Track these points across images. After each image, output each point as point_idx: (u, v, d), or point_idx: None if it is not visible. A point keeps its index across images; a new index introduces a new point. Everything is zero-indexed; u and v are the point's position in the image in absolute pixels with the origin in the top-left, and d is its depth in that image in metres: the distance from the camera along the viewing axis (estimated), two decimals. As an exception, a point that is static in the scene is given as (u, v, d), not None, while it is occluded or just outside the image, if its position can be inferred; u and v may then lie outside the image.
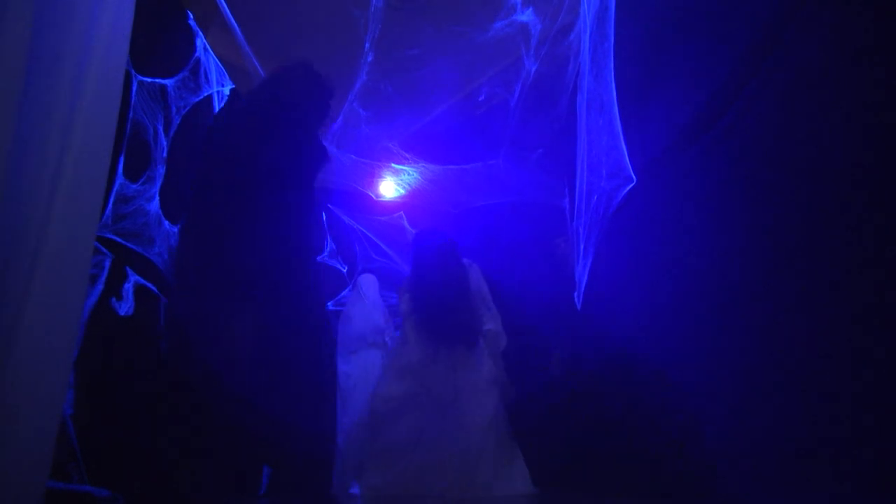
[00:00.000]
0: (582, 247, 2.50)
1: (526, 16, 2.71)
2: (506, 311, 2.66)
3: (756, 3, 1.79)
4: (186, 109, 2.24)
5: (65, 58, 1.39)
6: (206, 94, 2.38)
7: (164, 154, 2.07)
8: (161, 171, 2.04)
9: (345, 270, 3.81)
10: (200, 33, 2.36)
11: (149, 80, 2.01)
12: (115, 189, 1.81)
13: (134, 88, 1.93)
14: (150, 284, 1.92)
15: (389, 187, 3.89)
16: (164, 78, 2.11)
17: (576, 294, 2.52)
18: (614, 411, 2.21)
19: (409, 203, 3.90)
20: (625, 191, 2.25)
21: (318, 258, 3.49)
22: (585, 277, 2.48)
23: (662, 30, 2.15)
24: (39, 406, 1.33)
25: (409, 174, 3.63)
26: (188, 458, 1.88)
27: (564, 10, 2.63)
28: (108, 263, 1.73)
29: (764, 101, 1.72)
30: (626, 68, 2.24)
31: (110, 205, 1.80)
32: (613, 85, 2.27)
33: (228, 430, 1.98)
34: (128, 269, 1.83)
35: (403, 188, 3.84)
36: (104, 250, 1.73)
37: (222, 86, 2.53)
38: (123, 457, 1.72)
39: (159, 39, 2.09)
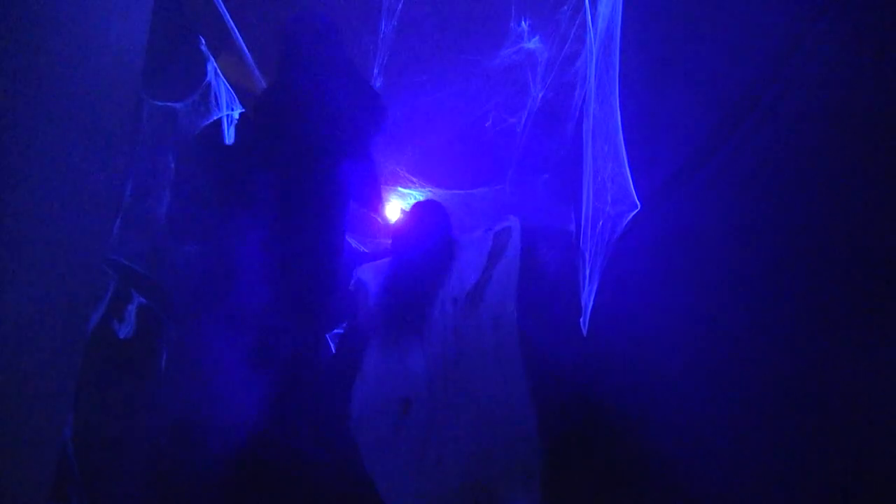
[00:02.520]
0: (588, 272, 2.50)
1: (533, 44, 2.74)
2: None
3: (762, 30, 1.80)
4: (196, 133, 2.27)
5: (78, 81, 1.42)
6: (215, 118, 2.41)
7: (172, 177, 2.09)
8: (168, 193, 2.07)
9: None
10: (212, 58, 2.40)
11: (160, 103, 2.04)
12: (122, 211, 1.83)
13: (145, 112, 1.96)
14: (154, 306, 1.93)
15: (396, 211, 3.91)
16: (174, 102, 2.14)
17: (582, 320, 2.52)
18: (621, 437, 2.19)
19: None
20: (629, 216, 2.25)
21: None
22: (591, 302, 2.47)
23: (667, 58, 2.17)
24: (41, 427, 1.33)
25: (415, 198, 3.65)
26: (187, 482, 1.87)
27: (571, 39, 2.66)
28: (112, 285, 1.74)
29: (770, 129, 1.72)
30: (631, 96, 2.26)
31: (118, 226, 1.82)
32: (619, 112, 2.28)
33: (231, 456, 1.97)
34: (132, 290, 1.84)
35: (410, 212, 3.86)
36: (109, 272, 1.74)
37: (232, 109, 2.56)
38: (123, 480, 1.71)
39: (171, 64, 2.13)
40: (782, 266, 1.65)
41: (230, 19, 2.40)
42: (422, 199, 3.63)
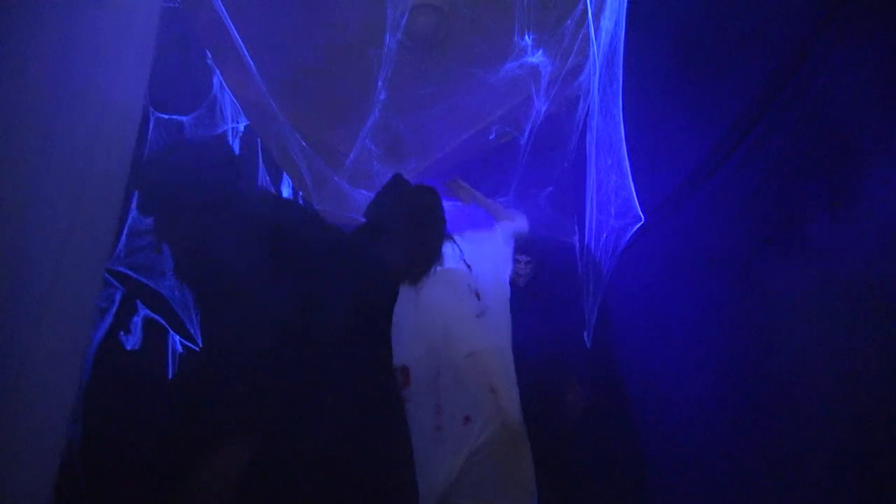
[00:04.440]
0: (591, 284, 2.50)
1: (536, 57, 2.76)
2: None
3: (765, 44, 1.81)
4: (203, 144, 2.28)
5: (85, 94, 1.43)
6: (221, 131, 2.42)
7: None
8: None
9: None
10: (217, 71, 2.41)
11: (166, 116, 2.05)
12: (128, 223, 1.84)
13: (151, 125, 1.97)
14: (159, 318, 1.92)
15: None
16: (181, 115, 2.16)
17: (585, 333, 2.51)
18: (625, 447, 2.19)
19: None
20: (633, 229, 2.25)
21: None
22: (595, 315, 2.47)
23: (670, 71, 2.18)
24: (43, 438, 1.32)
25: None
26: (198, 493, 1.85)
27: (574, 52, 2.67)
28: (118, 296, 1.75)
29: (773, 142, 1.73)
30: (634, 109, 2.27)
31: (123, 238, 1.82)
32: (622, 125, 2.29)
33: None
34: (138, 302, 1.84)
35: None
36: (115, 283, 1.75)
37: (237, 122, 2.57)
38: (132, 493, 1.70)
39: (178, 78, 2.14)
40: (785, 276, 1.65)
41: (234, 30, 2.42)
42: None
